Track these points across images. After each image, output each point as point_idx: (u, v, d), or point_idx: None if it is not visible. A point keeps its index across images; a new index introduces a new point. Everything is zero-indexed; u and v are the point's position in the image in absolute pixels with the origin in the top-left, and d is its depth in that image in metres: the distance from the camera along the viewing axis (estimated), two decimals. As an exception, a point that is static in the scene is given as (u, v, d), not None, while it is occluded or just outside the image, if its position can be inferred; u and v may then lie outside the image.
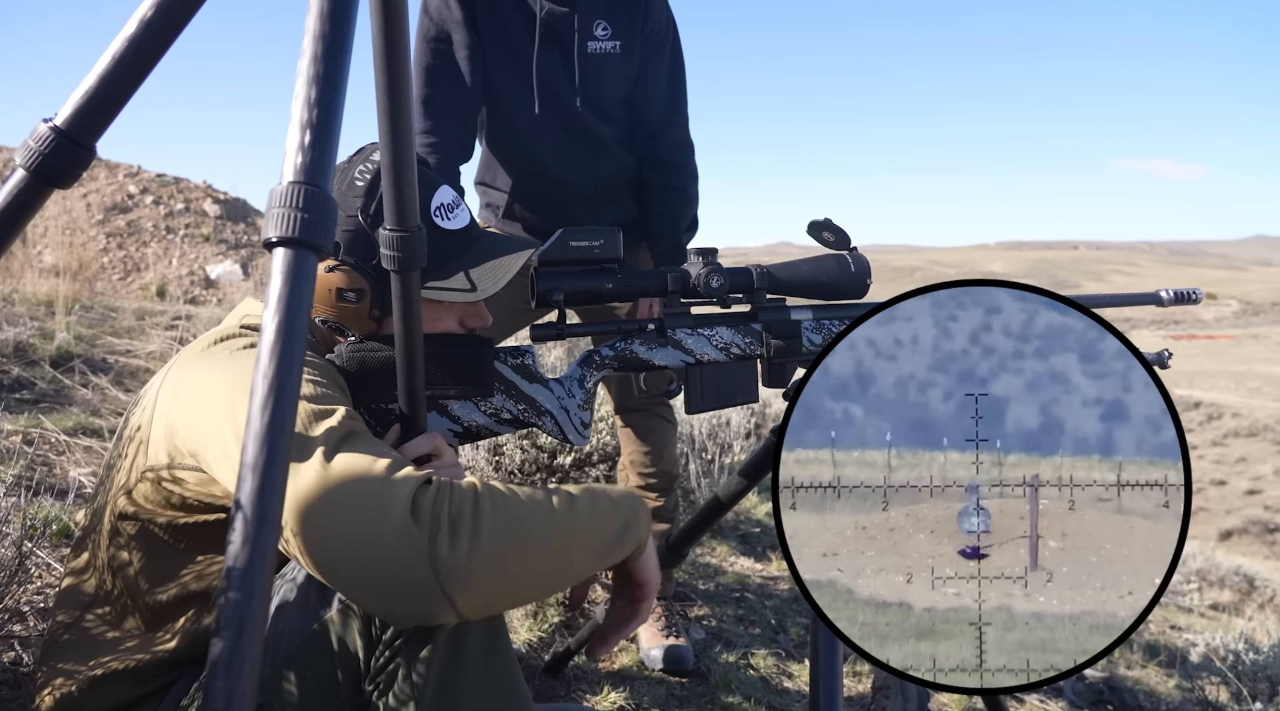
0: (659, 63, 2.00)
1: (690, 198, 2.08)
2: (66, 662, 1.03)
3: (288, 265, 0.63)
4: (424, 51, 1.88)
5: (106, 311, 4.80)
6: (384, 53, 0.80)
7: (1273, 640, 3.27)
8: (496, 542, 0.84)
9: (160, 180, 10.66)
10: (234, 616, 0.56)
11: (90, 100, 0.75)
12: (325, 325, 1.12)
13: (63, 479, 2.33)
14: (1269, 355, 44.12)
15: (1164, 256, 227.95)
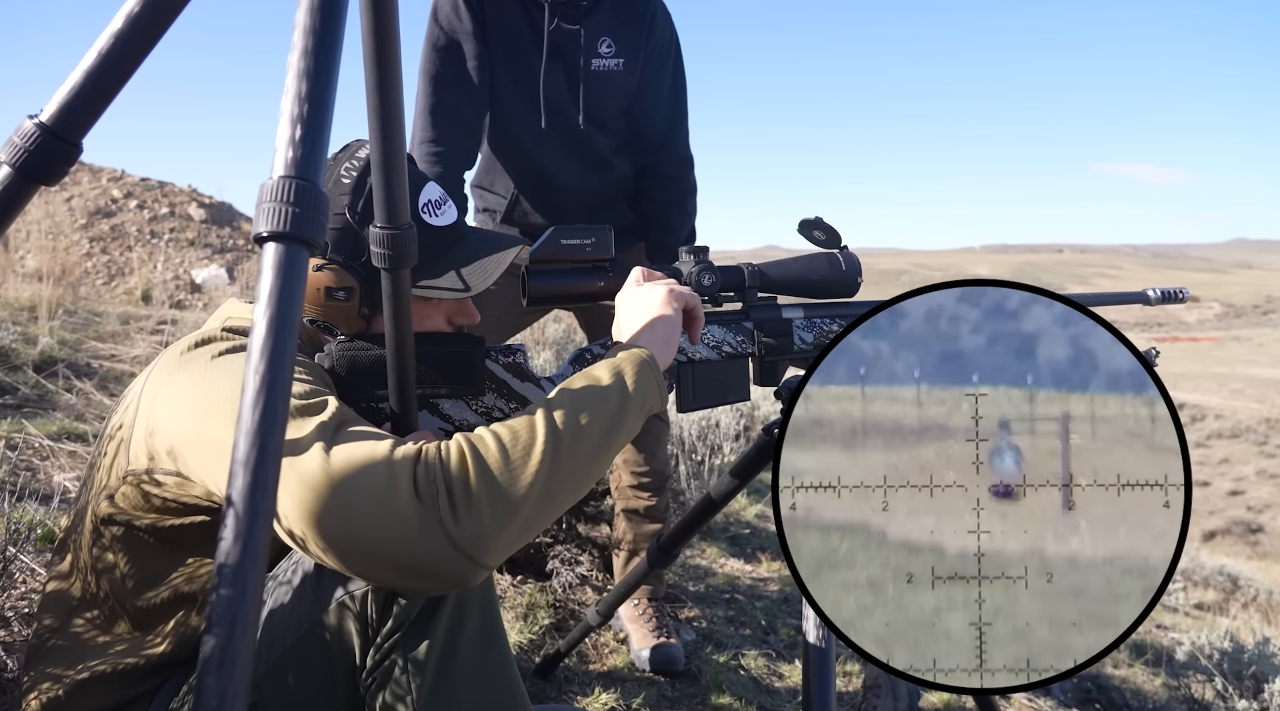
0: (661, 78, 2.03)
1: (689, 210, 2.12)
2: (54, 667, 1.02)
3: (279, 260, 0.63)
4: (432, 60, 1.89)
5: (90, 316, 4.76)
6: (374, 49, 0.80)
7: (1257, 638, 3.30)
8: (493, 494, 0.85)
9: (145, 184, 10.58)
10: (226, 613, 0.55)
11: (76, 96, 0.74)
12: (313, 325, 1.11)
13: (47, 484, 2.30)
14: (1251, 357, 44.57)
15: (1147, 259, 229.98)
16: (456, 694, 0.95)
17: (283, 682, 0.96)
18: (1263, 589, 7.01)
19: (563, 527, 2.54)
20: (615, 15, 1.94)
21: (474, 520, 0.83)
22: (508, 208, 2.08)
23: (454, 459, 0.86)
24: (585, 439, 0.92)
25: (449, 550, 0.82)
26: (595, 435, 0.93)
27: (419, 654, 0.94)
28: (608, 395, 0.96)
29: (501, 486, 0.86)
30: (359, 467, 0.82)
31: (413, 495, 0.82)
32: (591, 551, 2.53)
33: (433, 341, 1.13)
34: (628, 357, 1.02)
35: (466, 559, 0.83)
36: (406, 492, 0.82)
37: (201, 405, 0.91)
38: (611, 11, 1.94)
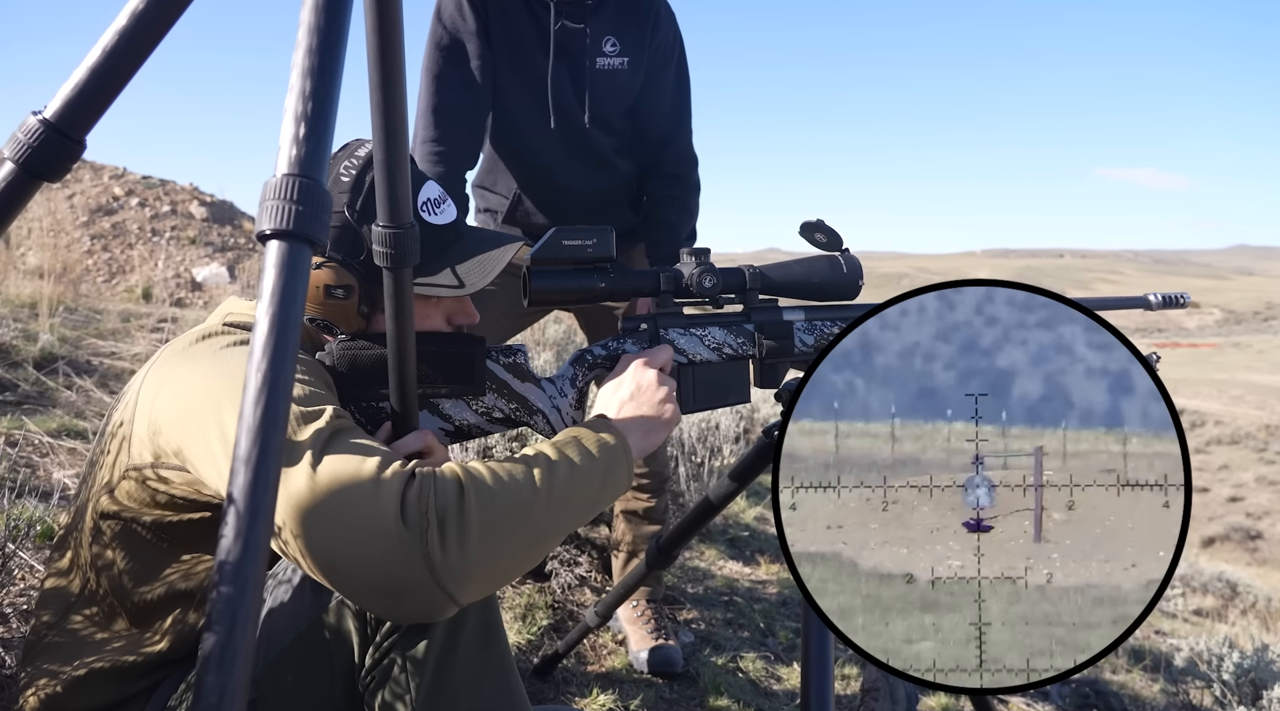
0: (665, 77, 2.03)
1: (691, 209, 2.11)
2: (51, 663, 1.02)
3: (282, 258, 0.63)
4: (436, 59, 1.88)
5: (91, 314, 4.76)
6: (378, 48, 0.80)
7: (1255, 644, 3.30)
8: (485, 533, 0.84)
9: (146, 182, 10.58)
10: (226, 611, 0.55)
11: (81, 93, 0.74)
12: (313, 323, 1.11)
13: (46, 481, 2.30)
14: (1251, 363, 44.55)
15: (1148, 265, 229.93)
16: (455, 693, 0.95)
17: (282, 681, 0.96)
18: (1261, 595, 7.00)
19: (562, 528, 2.53)
20: (619, 14, 1.94)
21: (462, 555, 0.82)
22: (510, 208, 2.08)
23: (451, 490, 0.84)
24: (570, 502, 0.95)
25: (429, 581, 0.81)
26: (578, 502, 0.96)
27: (418, 653, 0.94)
28: (594, 470, 0.99)
29: (495, 527, 0.85)
30: (344, 482, 0.81)
31: (399, 519, 0.80)
32: (590, 552, 2.53)
33: (433, 341, 1.13)
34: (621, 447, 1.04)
35: (444, 593, 0.82)
36: (392, 516, 0.80)
37: (204, 399, 0.91)
38: (616, 11, 1.94)
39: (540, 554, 0.93)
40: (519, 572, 0.92)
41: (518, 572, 0.92)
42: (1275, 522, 17.84)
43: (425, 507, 0.82)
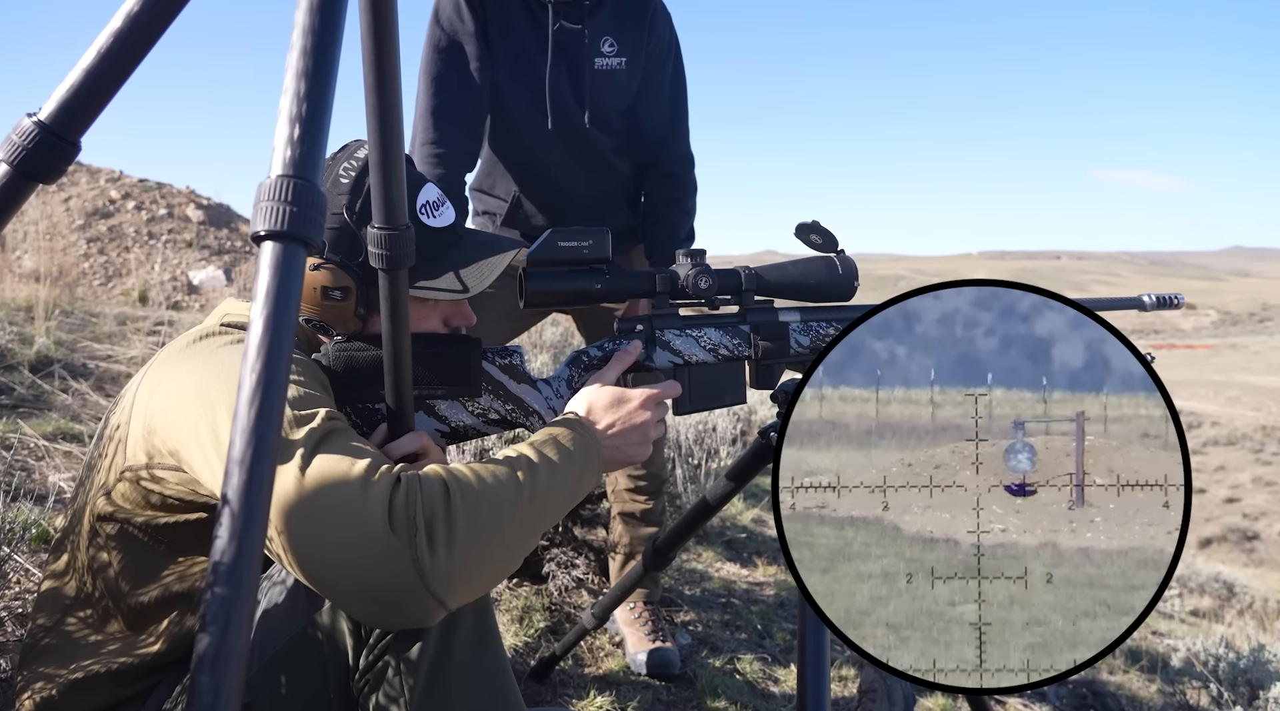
0: (662, 77, 2.04)
1: (689, 209, 2.12)
2: (47, 666, 1.01)
3: (276, 259, 0.63)
4: (434, 61, 1.88)
5: (87, 317, 4.75)
6: (373, 50, 0.80)
7: (1252, 645, 3.30)
8: (471, 536, 0.85)
9: (143, 185, 10.57)
10: (220, 611, 0.55)
11: (75, 95, 0.74)
12: (309, 324, 1.11)
13: (42, 484, 2.30)
14: (1247, 364, 44.64)
15: (1144, 267, 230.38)
16: (450, 695, 0.95)
17: (275, 683, 0.95)
18: (1258, 596, 7.01)
19: (559, 531, 2.53)
20: (617, 15, 1.95)
21: (450, 559, 0.82)
22: (509, 210, 2.08)
23: (437, 494, 0.84)
24: (551, 500, 0.96)
25: (417, 586, 0.81)
26: (558, 501, 0.98)
27: (412, 655, 0.94)
28: (571, 467, 1.00)
29: (481, 529, 0.86)
30: (332, 485, 0.81)
31: (386, 525, 0.80)
32: (587, 554, 2.52)
33: (429, 342, 1.13)
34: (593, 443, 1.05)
35: (434, 597, 0.82)
36: (380, 519, 0.80)
37: (200, 398, 0.91)
38: (613, 11, 1.95)
39: (523, 553, 0.94)
40: (505, 574, 0.93)
41: (504, 574, 0.92)
42: (1272, 523, 17.87)
43: (413, 512, 0.82)
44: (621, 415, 1.10)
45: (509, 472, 0.92)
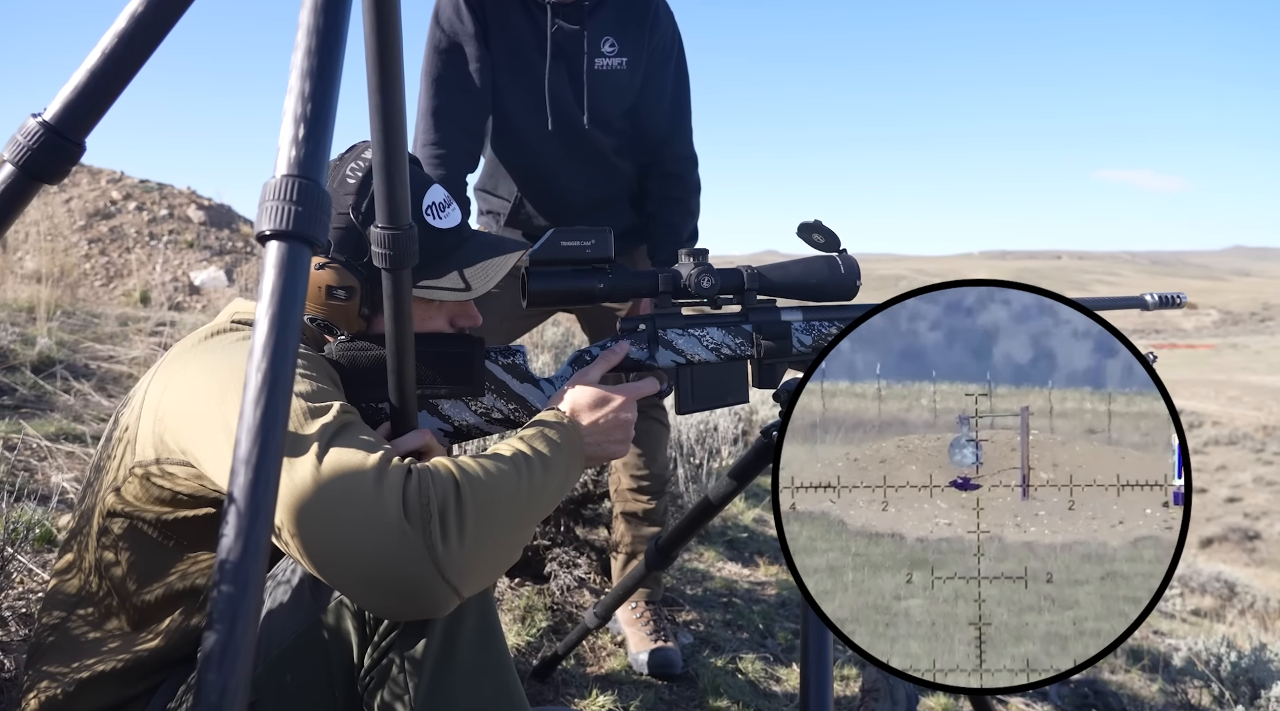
0: (664, 77, 2.04)
1: (692, 209, 2.12)
2: (51, 665, 1.02)
3: (281, 258, 0.63)
4: (434, 62, 1.89)
5: (89, 317, 4.75)
6: (376, 50, 0.80)
7: (1254, 644, 3.30)
8: (480, 525, 0.86)
9: (144, 186, 10.58)
10: (227, 610, 0.55)
11: (80, 95, 0.75)
12: (315, 324, 1.12)
13: (44, 484, 2.30)
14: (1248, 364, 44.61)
15: (1145, 266, 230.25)
16: (455, 694, 0.95)
17: (280, 682, 0.96)
18: (1259, 595, 7.01)
19: (560, 530, 2.54)
20: (618, 15, 1.95)
21: (462, 547, 0.84)
22: (511, 211, 2.09)
23: (447, 483, 0.86)
24: (546, 491, 0.99)
25: (433, 574, 0.82)
26: (552, 491, 1.00)
27: (416, 653, 0.94)
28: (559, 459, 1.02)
29: (489, 518, 0.87)
30: (347, 476, 0.82)
31: (401, 514, 0.81)
32: (589, 554, 2.53)
33: (433, 342, 1.13)
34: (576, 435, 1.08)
35: (448, 585, 0.84)
36: (395, 509, 0.81)
37: (209, 393, 0.91)
38: (614, 11, 1.95)
39: (524, 543, 0.97)
40: (509, 563, 0.95)
41: (508, 563, 0.94)
42: (1273, 523, 17.86)
43: (426, 500, 0.83)
44: (604, 414, 1.11)
45: (507, 464, 0.94)
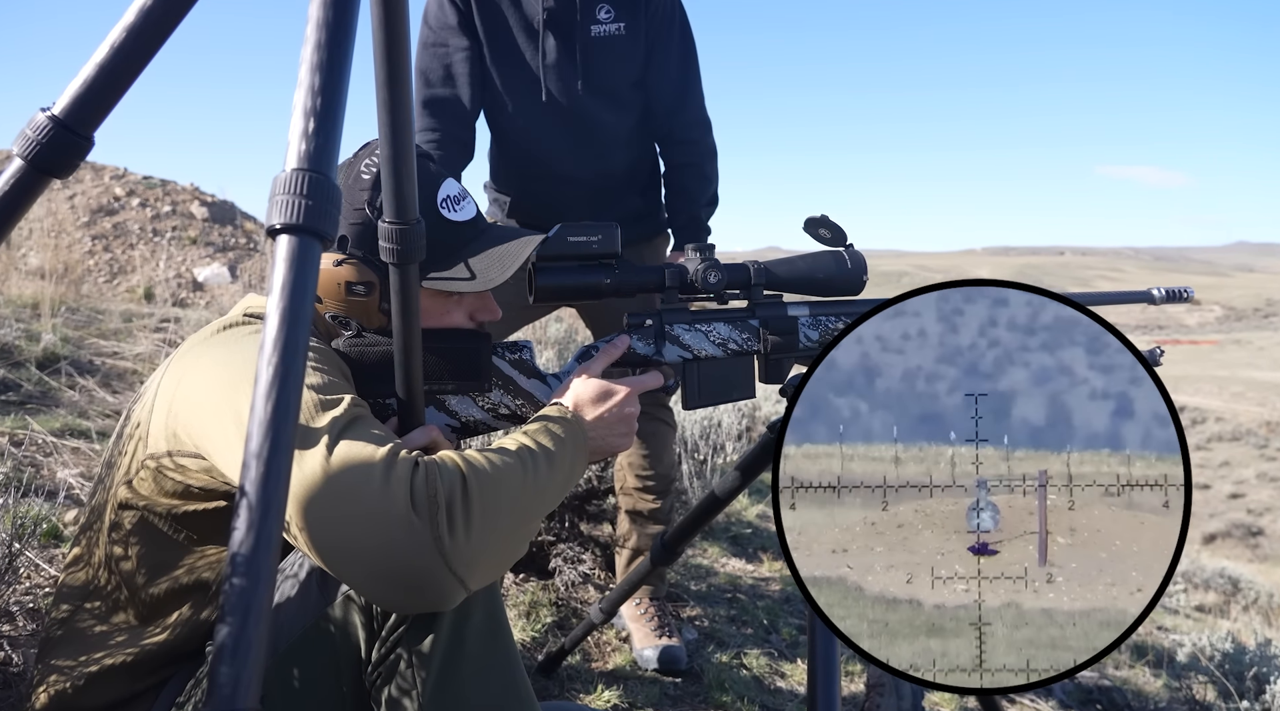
0: (669, 42, 2.04)
1: (708, 174, 2.12)
2: (60, 659, 1.02)
3: (292, 252, 0.63)
4: (422, 57, 1.97)
5: (93, 314, 4.76)
6: (384, 46, 0.80)
7: (1258, 639, 3.30)
8: (486, 517, 0.86)
9: (147, 182, 10.59)
10: (239, 603, 0.55)
11: (88, 89, 0.75)
12: (335, 320, 1.11)
13: (51, 479, 2.31)
14: (1252, 360, 44.52)
15: (1149, 262, 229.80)
16: (463, 688, 0.95)
17: (289, 678, 0.96)
18: (1263, 591, 7.01)
19: (565, 526, 2.54)
20: None
21: (468, 539, 0.84)
22: (513, 203, 2.10)
23: (454, 476, 0.86)
24: (551, 484, 0.98)
25: (441, 566, 0.82)
26: (556, 485, 1.00)
27: (424, 648, 0.94)
28: (564, 454, 1.02)
29: (496, 510, 0.87)
30: (355, 469, 0.82)
31: (408, 506, 0.81)
32: (594, 550, 2.53)
33: (440, 337, 1.13)
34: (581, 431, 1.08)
35: (455, 577, 0.84)
36: (403, 501, 0.81)
37: (221, 386, 0.92)
38: None
39: (530, 537, 0.97)
40: (516, 557, 0.94)
41: (515, 557, 0.94)
42: (1276, 519, 17.85)
43: (434, 491, 0.83)
44: (607, 407, 1.11)
45: (513, 459, 0.94)
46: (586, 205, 2.05)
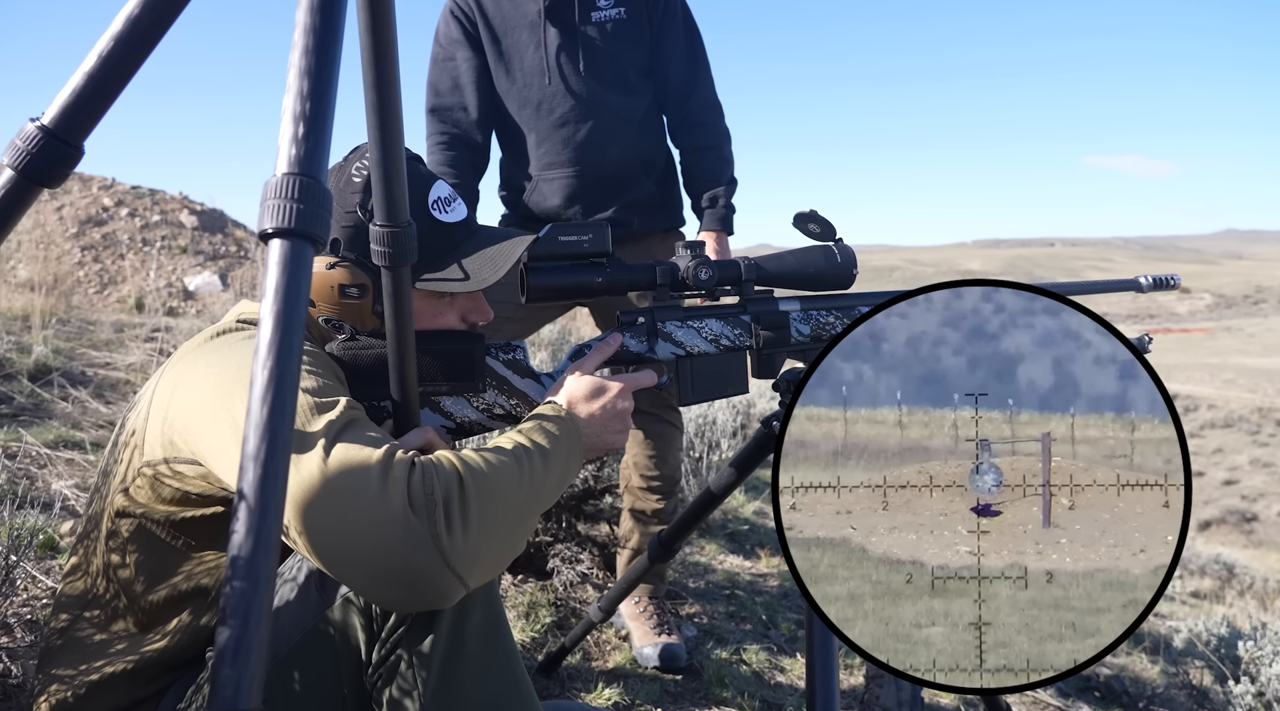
0: (675, 27, 2.10)
1: (725, 156, 2.16)
2: (60, 668, 1.02)
3: (284, 256, 0.63)
4: (433, 71, 2.13)
5: (84, 325, 4.75)
6: (372, 48, 0.80)
7: (1254, 624, 3.32)
8: (483, 515, 0.87)
9: (136, 192, 10.54)
10: (240, 605, 0.56)
11: (77, 99, 0.75)
12: (328, 323, 1.11)
13: (46, 491, 2.30)
14: (1242, 347, 44.72)
15: (1138, 252, 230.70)
16: (464, 688, 0.95)
17: (289, 681, 0.96)
18: (1258, 576, 7.05)
19: (563, 526, 2.54)
20: None
21: (466, 537, 0.84)
22: (525, 194, 2.13)
23: (451, 475, 0.86)
24: (547, 483, 0.99)
25: (439, 564, 0.83)
26: (552, 483, 1.00)
27: (424, 648, 0.95)
28: (559, 452, 1.03)
29: (492, 509, 0.88)
30: (353, 470, 0.83)
31: (406, 505, 0.82)
32: (592, 550, 2.53)
33: (434, 339, 1.14)
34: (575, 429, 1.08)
35: (454, 575, 0.84)
36: (400, 501, 0.82)
37: (216, 392, 0.92)
38: None
39: (527, 535, 0.97)
40: (513, 555, 0.95)
41: (512, 555, 0.95)
42: (1270, 504, 17.95)
43: (430, 491, 0.84)
44: (601, 404, 1.12)
45: (508, 457, 0.94)
46: (600, 191, 2.07)
